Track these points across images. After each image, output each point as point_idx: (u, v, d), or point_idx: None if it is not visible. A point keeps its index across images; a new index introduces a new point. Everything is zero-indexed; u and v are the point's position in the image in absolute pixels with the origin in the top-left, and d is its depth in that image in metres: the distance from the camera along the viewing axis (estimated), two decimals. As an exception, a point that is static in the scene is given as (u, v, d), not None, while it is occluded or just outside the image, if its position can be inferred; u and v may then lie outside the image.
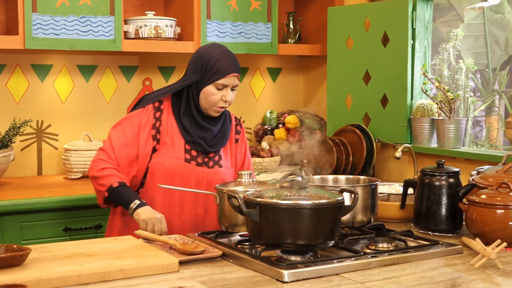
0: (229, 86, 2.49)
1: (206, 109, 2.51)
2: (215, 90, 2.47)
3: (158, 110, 2.53)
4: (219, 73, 2.46)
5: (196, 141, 2.50)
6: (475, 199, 2.12)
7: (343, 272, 1.79)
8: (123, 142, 2.49)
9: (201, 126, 2.52)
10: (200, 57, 2.51)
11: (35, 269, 1.73)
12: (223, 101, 2.49)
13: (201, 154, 2.52)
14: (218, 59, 2.47)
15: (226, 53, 2.51)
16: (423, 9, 3.50)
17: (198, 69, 2.49)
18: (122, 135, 2.50)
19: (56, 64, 3.67)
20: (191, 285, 1.69)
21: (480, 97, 5.16)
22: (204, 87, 2.48)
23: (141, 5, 3.83)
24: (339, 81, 3.80)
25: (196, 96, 2.50)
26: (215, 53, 2.49)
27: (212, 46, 2.56)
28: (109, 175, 2.44)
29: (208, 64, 2.47)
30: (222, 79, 2.46)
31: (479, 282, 1.72)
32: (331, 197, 1.87)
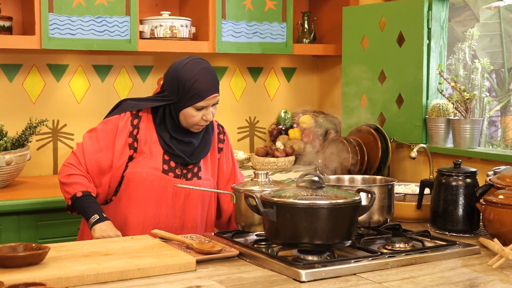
0: (209, 106, 2.37)
1: (187, 127, 2.41)
2: (194, 112, 2.36)
3: (136, 117, 2.42)
4: (198, 96, 2.33)
5: (176, 153, 2.40)
6: (492, 199, 2.11)
7: (360, 272, 1.79)
8: (96, 149, 2.40)
9: (180, 140, 2.42)
10: (175, 78, 2.37)
11: (53, 267, 1.74)
12: (203, 120, 2.38)
13: (179, 166, 2.42)
14: (195, 81, 2.33)
15: (203, 73, 2.37)
16: (439, 8, 3.48)
17: (174, 90, 2.36)
18: (96, 141, 2.41)
19: (72, 64, 3.69)
20: (209, 284, 1.69)
21: (496, 97, 5.14)
22: (182, 109, 2.36)
23: (156, 5, 3.84)
24: (354, 81, 3.79)
25: (176, 115, 2.40)
26: (191, 74, 2.34)
27: (187, 64, 2.38)
28: (75, 182, 2.36)
29: (185, 86, 2.34)
30: (201, 102, 2.34)
31: (497, 283, 1.71)
32: (348, 197, 1.87)
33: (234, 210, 2.19)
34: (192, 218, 2.45)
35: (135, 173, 2.39)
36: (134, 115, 2.43)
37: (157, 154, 2.41)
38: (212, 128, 2.55)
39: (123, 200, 2.42)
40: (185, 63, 2.39)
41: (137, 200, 2.38)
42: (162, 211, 2.40)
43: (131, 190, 2.39)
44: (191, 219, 2.44)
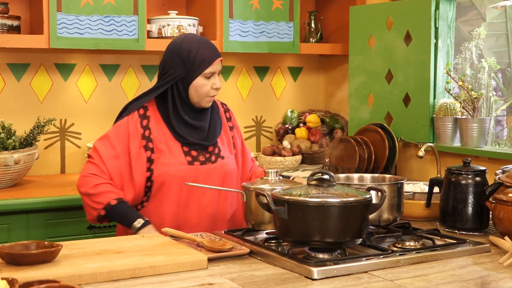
0: (216, 73, 2.43)
1: (198, 102, 2.43)
2: (204, 81, 2.40)
3: (145, 117, 2.43)
4: (205, 62, 2.39)
5: (193, 141, 2.42)
6: (502, 198, 2.11)
7: (371, 269, 1.79)
8: (113, 155, 2.38)
9: (191, 125, 2.43)
10: (178, 53, 2.40)
11: (66, 265, 1.75)
12: (213, 89, 2.43)
13: (201, 152, 2.44)
14: (198, 48, 2.39)
15: (203, 41, 2.45)
16: (446, 8, 3.49)
17: (179, 64, 2.39)
18: (111, 147, 2.38)
19: (79, 63, 3.70)
20: (221, 281, 1.70)
21: (502, 96, 5.13)
22: (192, 80, 2.39)
23: (163, 5, 3.85)
24: (361, 80, 3.80)
25: (184, 92, 2.41)
26: (193, 44, 2.41)
27: (185, 38, 2.45)
28: (105, 191, 2.34)
29: (190, 56, 2.38)
30: (209, 67, 2.40)
31: (509, 281, 1.71)
32: (359, 195, 1.88)
33: (244, 208, 2.19)
34: (224, 207, 2.47)
35: (164, 174, 2.38)
36: (142, 116, 2.43)
37: (176, 149, 2.41)
38: (217, 106, 2.58)
39: (157, 203, 2.40)
40: (182, 38, 2.46)
41: (172, 200, 2.38)
42: (195, 204, 2.41)
43: (165, 191, 2.38)
44: (223, 207, 2.46)
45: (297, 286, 1.67)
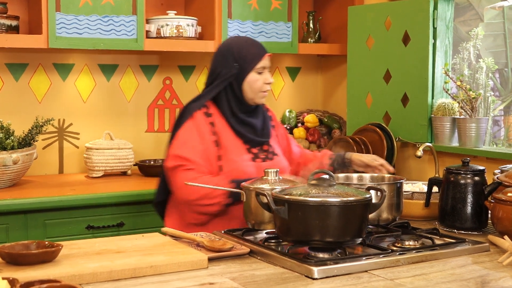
0: (267, 68, 2.54)
1: (252, 99, 2.53)
2: (257, 76, 2.51)
3: (208, 115, 2.50)
4: (256, 57, 2.50)
5: (252, 139, 2.51)
6: (502, 197, 2.11)
7: (371, 269, 1.80)
8: (200, 153, 2.42)
9: (248, 124, 2.53)
10: (229, 52, 2.51)
11: (67, 265, 1.75)
12: (266, 84, 2.53)
13: (260, 150, 2.55)
14: (248, 45, 2.53)
15: (250, 39, 2.60)
16: (444, 8, 3.49)
17: (231, 63, 2.50)
18: (192, 148, 2.43)
19: (78, 63, 3.70)
20: (222, 281, 1.70)
21: (499, 96, 5.14)
22: (245, 76, 2.49)
23: (162, 5, 3.85)
24: (360, 80, 3.80)
25: (239, 89, 2.51)
26: (242, 42, 2.55)
27: (233, 39, 2.61)
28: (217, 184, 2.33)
29: (241, 53, 2.50)
30: (260, 62, 2.50)
31: (508, 279, 1.72)
32: (359, 195, 1.88)
33: (244, 208, 2.20)
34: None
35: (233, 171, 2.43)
36: (206, 114, 2.51)
37: (239, 146, 2.51)
38: (261, 107, 2.64)
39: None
40: (230, 40, 2.61)
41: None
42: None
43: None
44: None
45: (298, 285, 1.67)
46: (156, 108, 3.92)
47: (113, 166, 3.57)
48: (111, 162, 3.55)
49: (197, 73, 4.01)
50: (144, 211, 3.21)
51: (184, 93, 3.97)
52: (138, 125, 3.87)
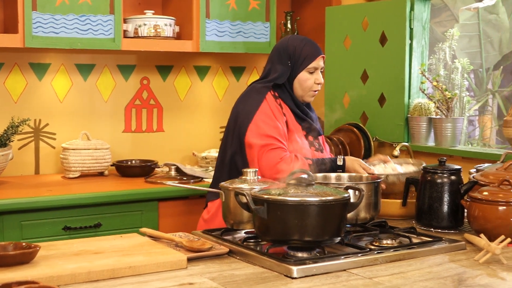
0: (319, 68, 2.69)
1: (302, 96, 2.69)
2: (308, 75, 2.66)
3: (276, 97, 2.64)
4: (309, 58, 2.65)
5: (310, 126, 2.67)
6: (477, 196, 2.14)
7: (350, 268, 1.81)
8: (280, 130, 2.57)
9: (305, 113, 2.69)
10: (285, 50, 2.68)
11: (45, 266, 1.73)
12: (316, 84, 2.68)
13: (315, 139, 2.70)
14: (304, 45, 2.67)
15: (307, 40, 2.73)
16: (421, 9, 3.53)
17: (285, 60, 2.66)
18: (274, 127, 2.56)
19: (54, 63, 3.67)
20: (201, 281, 1.70)
21: (474, 96, 5.21)
22: (296, 75, 2.66)
23: (139, 4, 3.83)
24: (337, 80, 3.82)
25: (290, 86, 2.67)
26: (298, 42, 2.69)
27: (291, 38, 2.75)
28: (299, 159, 2.50)
29: (296, 52, 2.66)
30: (313, 63, 2.65)
31: (485, 277, 1.74)
32: (338, 194, 1.89)
33: (223, 208, 2.20)
34: None
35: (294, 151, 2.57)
36: (274, 96, 2.66)
37: (299, 130, 2.66)
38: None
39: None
40: (288, 38, 2.75)
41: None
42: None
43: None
44: None
45: (277, 284, 1.68)
46: (133, 108, 3.90)
47: (90, 167, 3.55)
48: (88, 162, 3.53)
49: (175, 73, 4.00)
50: (121, 212, 3.19)
51: (161, 93, 3.96)
52: (115, 125, 3.85)
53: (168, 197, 3.29)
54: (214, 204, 2.67)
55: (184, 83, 4.03)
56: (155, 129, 3.96)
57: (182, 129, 4.03)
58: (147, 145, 3.93)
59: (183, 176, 3.47)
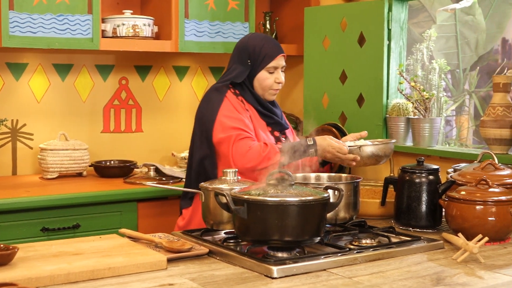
0: (279, 68, 2.69)
1: (263, 95, 2.69)
2: (267, 74, 2.66)
3: (237, 95, 2.64)
4: (268, 57, 2.65)
5: (276, 121, 2.67)
6: (455, 196, 2.16)
7: (330, 267, 1.82)
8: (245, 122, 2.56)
9: (269, 109, 2.69)
10: (245, 49, 2.67)
11: (23, 268, 1.72)
12: (276, 83, 2.68)
13: (281, 134, 2.69)
14: (263, 44, 2.66)
15: (268, 38, 2.72)
16: (399, 10, 3.55)
17: (245, 60, 2.66)
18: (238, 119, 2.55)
19: (32, 62, 3.64)
20: (181, 282, 1.70)
21: (451, 97, 5.25)
22: (256, 74, 2.66)
23: (118, 4, 3.82)
24: (316, 81, 3.84)
25: (250, 85, 2.67)
26: (258, 40, 2.68)
27: (251, 36, 2.74)
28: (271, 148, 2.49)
29: (255, 51, 2.65)
30: (272, 62, 2.65)
31: (463, 276, 1.76)
32: (317, 194, 1.90)
33: (202, 208, 2.19)
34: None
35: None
36: (235, 93, 2.65)
37: (263, 126, 2.66)
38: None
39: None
40: (249, 37, 2.75)
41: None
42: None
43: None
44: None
45: (258, 285, 1.68)
46: (112, 109, 3.88)
47: (68, 167, 3.52)
48: (66, 163, 3.51)
49: (154, 73, 3.99)
50: (100, 213, 3.17)
51: (140, 93, 3.94)
52: (93, 126, 3.83)
53: (147, 198, 3.28)
54: (188, 211, 2.67)
55: (163, 83, 4.02)
56: (133, 130, 3.94)
57: (161, 130, 4.01)
58: (126, 146, 3.91)
59: (162, 177, 3.47)
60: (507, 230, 2.12)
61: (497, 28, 5.00)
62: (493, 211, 2.09)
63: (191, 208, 2.66)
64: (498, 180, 2.25)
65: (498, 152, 2.98)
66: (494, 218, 2.09)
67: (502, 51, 5.22)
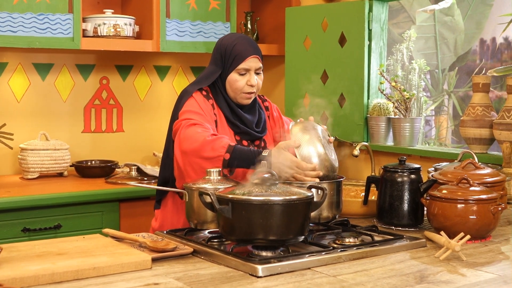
0: (252, 70, 2.50)
1: (234, 98, 2.52)
2: (237, 76, 2.49)
3: (208, 98, 2.50)
4: (238, 59, 2.47)
5: (244, 131, 2.50)
6: (437, 194, 2.19)
7: (314, 266, 1.83)
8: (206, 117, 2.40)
9: (240, 116, 2.52)
10: (218, 48, 2.53)
11: (7, 268, 1.70)
12: (248, 86, 2.49)
13: (250, 144, 2.53)
14: (234, 45, 2.48)
15: (241, 38, 2.53)
16: (379, 10, 3.58)
17: (218, 60, 2.52)
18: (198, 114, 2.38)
19: (11, 62, 3.61)
20: (167, 281, 1.70)
21: (430, 97, 5.30)
22: (227, 76, 2.50)
23: (98, 3, 3.80)
24: (297, 81, 3.85)
25: (223, 87, 2.52)
26: (231, 40, 2.51)
27: (227, 35, 2.59)
28: (221, 137, 2.30)
29: (226, 52, 2.49)
30: (242, 63, 2.47)
31: (445, 274, 1.78)
32: (301, 194, 1.91)
33: (186, 207, 2.19)
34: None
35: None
36: (206, 96, 2.49)
37: (231, 136, 2.48)
38: (259, 103, 2.67)
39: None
40: (225, 36, 2.59)
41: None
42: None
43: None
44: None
45: (243, 283, 1.69)
46: (92, 108, 3.86)
47: (49, 167, 3.50)
48: (46, 163, 3.48)
49: (135, 73, 3.97)
50: (81, 213, 3.16)
51: (121, 93, 3.93)
52: (74, 126, 3.81)
53: (129, 198, 3.27)
54: (159, 213, 2.61)
55: (144, 83, 4.01)
56: (115, 129, 3.93)
57: (142, 129, 4.00)
58: (107, 146, 3.89)
59: (144, 177, 3.46)
60: (488, 228, 2.14)
61: (476, 28, 5.07)
62: (474, 210, 2.12)
63: (159, 211, 2.61)
64: (478, 179, 2.28)
65: (478, 151, 3.02)
66: (475, 216, 2.11)
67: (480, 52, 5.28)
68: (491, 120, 3.01)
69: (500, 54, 5.17)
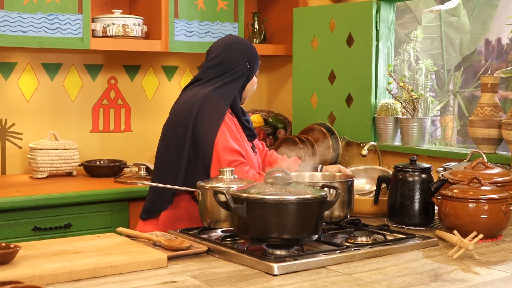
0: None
1: (246, 98, 2.71)
2: (255, 78, 2.70)
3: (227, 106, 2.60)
4: (258, 62, 2.69)
5: (251, 133, 2.68)
6: (448, 194, 2.20)
7: (329, 264, 1.84)
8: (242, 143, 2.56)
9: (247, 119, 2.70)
10: (243, 50, 2.64)
11: (25, 266, 1.72)
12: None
13: (252, 144, 2.70)
14: (254, 48, 2.69)
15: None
16: (387, 11, 3.60)
17: (244, 61, 2.63)
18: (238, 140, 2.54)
19: (21, 62, 3.63)
20: (183, 279, 1.71)
21: (435, 97, 5.31)
22: (252, 77, 2.67)
23: (106, 4, 3.81)
24: (305, 81, 3.87)
25: (243, 88, 2.66)
26: (250, 43, 2.70)
27: (242, 39, 2.76)
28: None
29: (253, 55, 2.66)
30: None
31: (459, 272, 1.79)
32: (315, 193, 1.92)
33: (200, 206, 2.21)
34: None
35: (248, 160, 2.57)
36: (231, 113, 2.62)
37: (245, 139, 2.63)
38: None
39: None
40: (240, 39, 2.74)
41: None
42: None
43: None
44: None
45: (259, 281, 1.70)
46: (101, 108, 3.88)
47: (58, 167, 3.52)
48: (56, 162, 3.50)
49: (143, 73, 3.99)
50: (91, 212, 3.17)
51: (129, 93, 3.95)
52: (83, 125, 3.82)
53: (138, 197, 3.28)
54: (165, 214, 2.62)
55: (151, 83, 4.03)
56: (122, 129, 3.94)
57: (150, 129, 4.02)
58: (115, 145, 3.91)
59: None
60: (499, 228, 2.16)
61: (481, 29, 5.08)
62: (486, 209, 2.13)
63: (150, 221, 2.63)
64: (489, 179, 2.30)
65: (486, 151, 3.03)
66: (486, 215, 2.13)
67: (486, 52, 5.29)
68: (499, 120, 3.02)
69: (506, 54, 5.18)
